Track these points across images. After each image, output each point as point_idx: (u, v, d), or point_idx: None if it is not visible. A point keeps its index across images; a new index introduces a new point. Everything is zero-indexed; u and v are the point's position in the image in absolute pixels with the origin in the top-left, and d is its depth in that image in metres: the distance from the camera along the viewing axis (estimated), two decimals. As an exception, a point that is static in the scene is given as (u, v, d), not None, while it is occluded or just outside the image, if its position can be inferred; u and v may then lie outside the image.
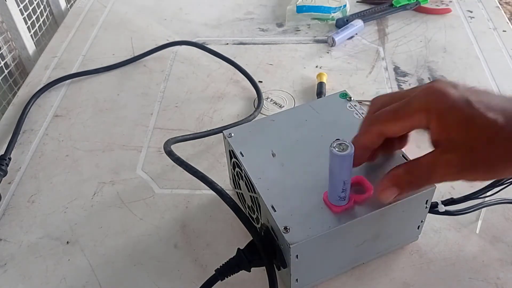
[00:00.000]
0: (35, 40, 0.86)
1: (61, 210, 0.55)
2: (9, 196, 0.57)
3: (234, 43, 0.80)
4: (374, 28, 0.81)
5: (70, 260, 0.50)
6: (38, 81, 0.74)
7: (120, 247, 0.51)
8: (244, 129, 0.49)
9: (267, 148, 0.47)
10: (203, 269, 0.48)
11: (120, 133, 0.64)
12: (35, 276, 0.49)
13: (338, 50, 0.76)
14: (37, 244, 0.52)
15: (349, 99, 0.51)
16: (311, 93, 0.68)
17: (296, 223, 0.40)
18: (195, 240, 0.51)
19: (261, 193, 0.43)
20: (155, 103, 0.69)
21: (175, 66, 0.75)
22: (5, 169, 0.59)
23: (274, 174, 0.44)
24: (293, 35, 0.81)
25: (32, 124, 0.66)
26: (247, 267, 0.43)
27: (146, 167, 0.59)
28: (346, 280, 0.46)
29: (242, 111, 0.66)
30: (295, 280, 0.43)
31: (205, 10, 0.89)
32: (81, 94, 0.71)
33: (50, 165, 0.60)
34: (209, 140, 0.61)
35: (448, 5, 0.84)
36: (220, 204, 0.49)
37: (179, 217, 0.53)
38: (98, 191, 0.57)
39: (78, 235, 0.52)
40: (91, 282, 0.48)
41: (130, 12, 0.89)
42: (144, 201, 0.55)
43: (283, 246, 0.41)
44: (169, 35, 0.82)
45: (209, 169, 0.58)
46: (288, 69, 0.73)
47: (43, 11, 0.90)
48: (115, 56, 0.78)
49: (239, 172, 0.48)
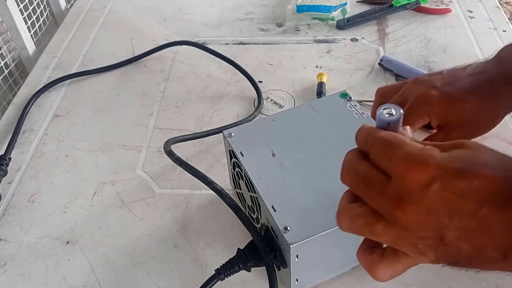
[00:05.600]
0: (35, 40, 0.86)
1: (61, 210, 0.55)
2: (9, 196, 0.57)
3: (234, 43, 0.80)
4: (374, 28, 0.81)
5: (70, 260, 0.50)
6: (38, 81, 0.74)
7: (120, 247, 0.51)
8: (244, 129, 0.49)
9: (267, 148, 0.47)
10: (203, 269, 0.48)
11: (120, 133, 0.64)
12: (35, 276, 0.49)
13: (338, 50, 0.76)
14: (37, 244, 0.52)
15: (349, 99, 0.51)
16: (311, 93, 0.68)
17: (296, 223, 0.40)
18: (195, 240, 0.51)
19: (261, 193, 0.43)
20: (155, 103, 0.69)
21: (175, 66, 0.75)
22: (5, 169, 0.59)
23: (274, 174, 0.44)
24: (293, 35, 0.81)
25: (32, 124, 0.66)
26: (247, 267, 0.43)
27: (146, 167, 0.59)
28: (346, 280, 0.46)
29: (242, 111, 0.66)
30: (295, 280, 0.43)
31: (205, 10, 0.89)
32: (81, 94, 0.71)
33: (50, 165, 0.60)
34: (209, 140, 0.61)
35: (448, 5, 0.84)
36: (220, 204, 0.49)
37: (179, 217, 0.53)
38: (98, 191, 0.57)
39: (78, 235, 0.52)
40: (91, 282, 0.48)
41: (130, 12, 0.89)
42: (144, 201, 0.55)
43: (283, 246, 0.41)
44: (169, 35, 0.82)
45: (209, 169, 0.58)
46: (288, 69, 0.73)
47: (43, 11, 0.90)
48: (115, 56, 0.78)
49: (239, 172, 0.48)
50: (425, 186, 0.28)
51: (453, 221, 0.28)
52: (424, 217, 0.29)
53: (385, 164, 0.31)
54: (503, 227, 0.28)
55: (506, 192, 0.28)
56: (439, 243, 0.29)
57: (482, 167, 0.28)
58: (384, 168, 0.31)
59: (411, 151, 0.30)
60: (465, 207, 0.28)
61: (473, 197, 0.28)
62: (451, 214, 0.28)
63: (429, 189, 0.28)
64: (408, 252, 0.31)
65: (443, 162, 0.29)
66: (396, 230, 0.30)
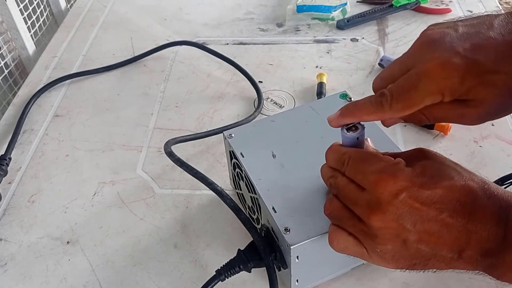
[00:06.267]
0: (35, 40, 0.86)
1: (61, 210, 0.55)
2: (9, 196, 0.57)
3: (234, 43, 0.80)
4: (374, 28, 0.81)
5: (70, 260, 0.50)
6: (38, 81, 0.74)
7: (120, 247, 0.51)
8: (245, 130, 0.49)
9: (268, 149, 0.47)
10: (203, 269, 0.48)
11: (120, 133, 0.64)
12: (35, 276, 0.49)
13: (338, 50, 0.76)
14: (37, 244, 0.52)
15: (349, 100, 0.51)
16: (311, 93, 0.68)
17: (296, 224, 0.40)
18: (195, 240, 0.51)
19: (262, 194, 0.43)
20: (155, 103, 0.69)
21: (175, 66, 0.75)
22: (5, 169, 0.59)
23: (274, 175, 0.44)
24: (293, 35, 0.81)
25: (32, 124, 0.66)
26: (248, 268, 0.44)
27: (146, 167, 0.59)
28: (346, 280, 0.46)
29: (242, 111, 0.66)
30: (295, 281, 0.43)
31: (205, 10, 0.89)
32: (81, 94, 0.71)
33: (50, 165, 0.60)
34: (209, 140, 0.61)
35: (448, 5, 0.84)
36: (220, 205, 0.49)
37: (179, 217, 0.53)
38: (98, 191, 0.57)
39: (78, 235, 0.52)
40: (91, 282, 0.48)
41: (130, 12, 0.89)
42: (144, 201, 0.55)
43: (283, 247, 0.41)
44: (169, 35, 0.82)
45: (209, 169, 0.58)
46: (288, 69, 0.73)
47: (43, 11, 0.90)
48: (115, 56, 0.78)
49: (239, 173, 0.48)
50: (393, 196, 0.33)
51: (416, 226, 0.33)
52: (390, 223, 0.33)
53: (358, 178, 0.35)
54: (458, 229, 0.32)
55: (461, 199, 0.32)
56: (401, 247, 0.34)
57: (443, 178, 0.33)
58: (358, 182, 0.35)
59: (382, 166, 0.34)
60: (427, 213, 0.32)
61: (434, 204, 0.32)
62: (414, 219, 0.33)
63: (397, 198, 0.33)
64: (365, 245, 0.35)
65: (410, 175, 0.33)
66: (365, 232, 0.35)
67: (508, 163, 0.57)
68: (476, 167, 0.56)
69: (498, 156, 0.58)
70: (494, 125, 0.61)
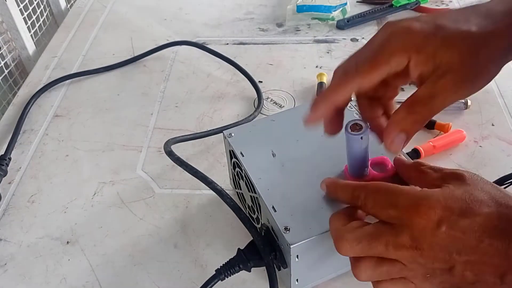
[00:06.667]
0: (35, 40, 0.86)
1: (61, 210, 0.55)
2: (9, 196, 0.57)
3: (234, 43, 0.80)
4: (374, 28, 0.81)
5: (70, 260, 0.50)
6: (38, 81, 0.74)
7: (120, 247, 0.51)
8: (245, 129, 0.49)
9: (268, 148, 0.47)
10: (203, 269, 0.48)
11: (120, 133, 0.64)
12: (35, 276, 0.49)
13: (338, 50, 0.76)
14: (37, 244, 0.52)
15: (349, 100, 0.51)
16: (311, 93, 0.68)
17: (296, 223, 0.40)
18: (195, 240, 0.51)
19: (262, 193, 0.43)
20: (155, 103, 0.69)
21: (175, 66, 0.75)
22: (5, 169, 0.59)
23: (274, 174, 0.44)
24: (293, 35, 0.81)
25: (32, 124, 0.66)
26: (247, 267, 0.43)
27: (146, 167, 0.59)
28: (346, 280, 0.46)
29: (242, 111, 0.66)
30: (295, 280, 0.43)
31: (205, 10, 0.89)
32: (81, 94, 0.71)
33: (50, 165, 0.60)
34: (209, 140, 0.61)
35: (448, 5, 0.84)
36: (220, 204, 0.49)
37: (179, 217, 0.53)
38: (98, 191, 0.57)
39: (78, 235, 0.52)
40: (91, 282, 0.48)
41: (130, 12, 0.89)
42: (144, 201, 0.55)
43: (283, 246, 0.41)
44: (169, 35, 0.82)
45: (209, 169, 0.58)
46: (288, 69, 0.73)
47: (43, 11, 0.90)
48: (115, 56, 0.78)
49: (239, 172, 0.48)
50: (435, 228, 0.32)
51: (461, 255, 0.32)
52: (438, 253, 0.32)
53: (390, 213, 0.34)
54: (500, 256, 0.32)
55: (500, 226, 0.32)
56: (447, 273, 0.33)
57: (479, 204, 0.33)
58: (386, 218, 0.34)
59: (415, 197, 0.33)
60: (468, 242, 0.32)
61: (474, 232, 0.32)
62: (459, 249, 0.32)
63: (439, 229, 0.32)
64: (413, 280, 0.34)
65: (447, 204, 0.32)
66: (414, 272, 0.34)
67: (508, 163, 0.56)
68: (476, 167, 0.56)
69: (498, 156, 0.58)
70: (494, 125, 0.61)
